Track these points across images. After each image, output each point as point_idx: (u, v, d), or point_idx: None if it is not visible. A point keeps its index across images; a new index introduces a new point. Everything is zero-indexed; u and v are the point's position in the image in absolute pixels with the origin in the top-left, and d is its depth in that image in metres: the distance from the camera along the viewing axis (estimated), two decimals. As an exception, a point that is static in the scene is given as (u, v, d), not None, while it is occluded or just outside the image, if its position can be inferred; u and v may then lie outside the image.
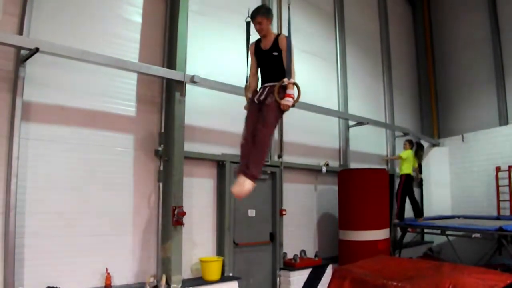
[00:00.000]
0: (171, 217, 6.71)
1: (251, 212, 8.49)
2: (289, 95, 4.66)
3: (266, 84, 4.98)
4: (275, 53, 4.90)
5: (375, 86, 12.70)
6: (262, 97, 4.90)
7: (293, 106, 4.77)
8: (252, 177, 4.63)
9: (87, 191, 6.34)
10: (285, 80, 4.70)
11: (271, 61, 4.96)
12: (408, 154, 10.48)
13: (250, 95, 5.26)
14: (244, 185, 4.63)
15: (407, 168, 10.40)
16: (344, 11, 11.63)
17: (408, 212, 12.87)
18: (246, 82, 5.37)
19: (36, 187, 5.82)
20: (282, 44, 4.86)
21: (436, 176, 13.20)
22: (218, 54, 8.22)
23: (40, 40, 5.64)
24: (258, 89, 5.12)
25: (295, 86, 4.74)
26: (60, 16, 6.31)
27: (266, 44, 5.01)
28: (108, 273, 6.27)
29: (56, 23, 6.24)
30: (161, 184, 7.12)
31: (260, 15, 4.97)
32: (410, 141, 10.78)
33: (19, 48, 5.58)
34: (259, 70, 5.24)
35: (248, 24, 5.41)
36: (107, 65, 6.28)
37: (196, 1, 7.91)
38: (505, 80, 12.58)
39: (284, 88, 4.74)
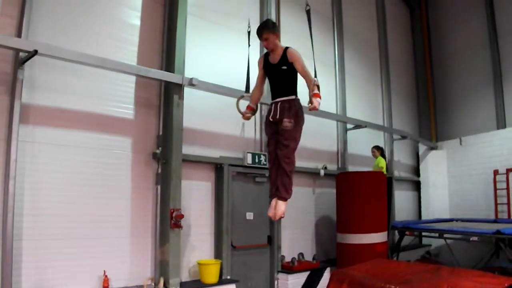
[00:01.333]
0: (169, 220, 6.71)
1: (249, 215, 8.48)
2: (318, 95, 4.55)
3: (277, 100, 4.88)
4: (284, 67, 4.81)
5: (373, 89, 12.72)
6: (277, 117, 4.79)
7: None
8: (284, 199, 4.78)
9: (85, 194, 6.34)
10: (316, 79, 4.66)
11: (280, 75, 4.88)
12: (383, 160, 10.47)
13: (253, 106, 5.28)
14: (277, 207, 4.76)
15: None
16: (343, 15, 11.66)
17: (407, 215, 12.94)
18: (247, 91, 5.41)
19: (34, 189, 5.82)
20: (292, 57, 4.78)
21: (434, 179, 13.23)
22: (216, 57, 8.24)
23: (39, 42, 5.67)
24: (270, 106, 5.01)
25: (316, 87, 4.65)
26: (59, 19, 6.32)
27: (275, 59, 4.92)
28: (106, 276, 6.25)
29: (55, 26, 6.25)
30: (159, 187, 7.11)
31: (266, 31, 4.87)
32: (378, 147, 10.70)
33: (17, 51, 5.59)
34: (266, 85, 5.17)
35: (249, 34, 5.45)
36: (106, 68, 6.30)
37: (195, 4, 7.92)
38: (502, 84, 12.63)
39: (289, 104, 4.77)
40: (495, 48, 12.87)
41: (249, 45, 5.60)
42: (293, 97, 4.85)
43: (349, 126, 11.07)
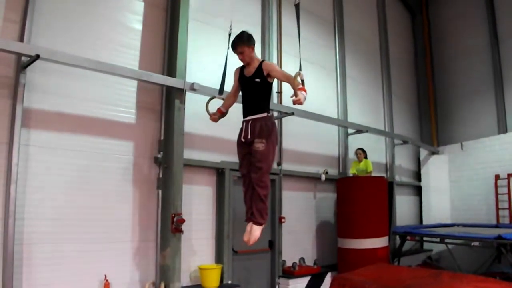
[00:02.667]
0: (170, 225, 6.71)
1: (250, 220, 8.47)
2: (303, 89, 4.22)
3: (249, 118, 4.69)
4: (257, 80, 4.64)
5: (374, 94, 12.73)
6: (249, 137, 4.61)
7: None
8: (259, 224, 4.60)
9: (86, 198, 6.34)
10: (301, 72, 4.47)
11: (253, 88, 4.71)
12: (370, 163, 10.39)
13: (223, 109, 5.19)
14: (252, 232, 4.61)
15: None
16: (344, 20, 11.68)
17: (408, 219, 12.92)
18: (220, 93, 5.38)
19: (35, 193, 5.82)
20: (267, 67, 4.64)
21: (435, 184, 13.21)
22: (218, 62, 8.22)
23: (41, 47, 5.67)
24: (241, 125, 4.81)
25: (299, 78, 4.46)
26: (61, 23, 6.34)
27: (250, 71, 4.76)
28: (107, 280, 6.25)
29: (57, 30, 6.27)
30: (160, 192, 7.12)
31: (241, 44, 4.73)
32: (363, 150, 10.43)
33: (19, 55, 5.60)
34: (239, 97, 5.02)
35: (229, 36, 5.34)
36: (107, 73, 6.30)
37: (196, 9, 7.95)
38: (504, 89, 12.64)
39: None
40: (496, 52, 12.90)
41: (228, 48, 5.43)
42: (265, 114, 4.65)
43: (350, 131, 11.07)
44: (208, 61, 8.06)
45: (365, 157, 10.40)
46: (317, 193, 10.25)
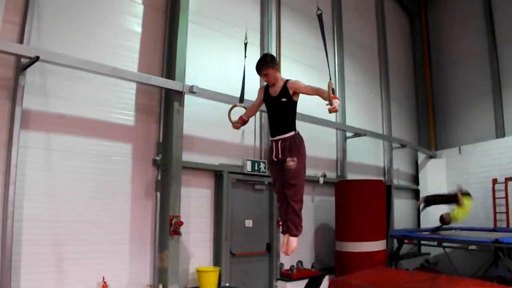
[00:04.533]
0: (168, 227, 6.71)
1: (248, 223, 8.49)
2: (335, 97, 4.38)
3: (278, 138, 4.82)
4: (284, 99, 4.75)
5: (372, 98, 12.76)
6: (280, 156, 4.76)
7: None
8: (294, 236, 4.85)
9: (85, 200, 6.35)
10: (331, 81, 4.49)
11: (279, 108, 4.82)
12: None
13: (245, 118, 5.29)
14: (289, 244, 4.84)
15: None
16: (342, 24, 11.71)
17: (406, 223, 12.94)
18: (241, 101, 5.45)
19: (34, 195, 5.83)
20: (293, 86, 4.74)
21: (433, 188, 13.17)
22: (217, 65, 8.28)
23: (40, 49, 5.70)
24: (270, 144, 4.95)
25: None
26: (61, 25, 6.36)
27: (275, 91, 4.85)
28: (105, 282, 6.25)
29: (57, 32, 6.29)
30: (158, 194, 7.13)
31: (265, 67, 4.82)
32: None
33: (19, 57, 5.62)
34: (265, 117, 5.14)
35: (245, 45, 5.54)
36: (106, 75, 6.32)
37: (196, 12, 7.97)
38: (501, 93, 12.67)
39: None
40: (494, 56, 12.93)
41: (245, 56, 5.63)
42: (293, 133, 4.80)
43: (348, 134, 11.09)
44: (207, 64, 8.10)
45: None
46: (315, 196, 10.26)
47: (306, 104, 6.39)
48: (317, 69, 10.52)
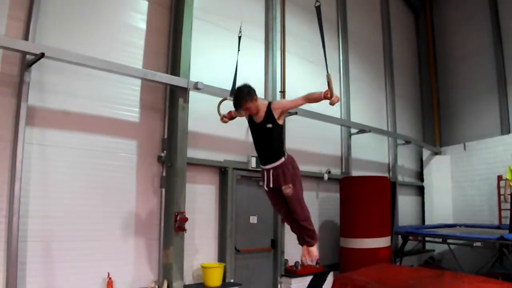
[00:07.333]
0: (173, 223, 6.72)
1: (253, 219, 8.51)
2: (328, 90, 4.45)
3: (268, 167, 4.76)
4: (269, 125, 4.64)
5: (377, 94, 12.73)
6: (272, 185, 4.75)
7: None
8: (312, 245, 4.97)
9: (90, 196, 6.37)
10: (329, 74, 4.60)
11: (266, 135, 4.71)
12: None
13: (234, 114, 5.29)
14: (310, 253, 5.00)
15: None
16: (347, 20, 11.68)
17: (411, 219, 12.92)
18: (231, 95, 5.25)
19: (39, 191, 5.86)
20: (278, 106, 4.69)
21: (437, 185, 13.20)
22: (221, 61, 8.26)
23: (46, 45, 5.71)
24: (261, 172, 4.89)
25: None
26: (66, 22, 6.37)
27: (259, 117, 4.72)
28: (110, 278, 6.28)
29: (62, 29, 6.30)
30: (163, 190, 7.13)
31: (245, 103, 4.65)
32: None
33: (24, 53, 5.63)
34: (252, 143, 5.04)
35: (239, 38, 5.71)
36: (111, 71, 6.32)
37: (200, 8, 7.96)
38: (507, 89, 12.59)
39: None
40: (499, 53, 12.85)
41: (238, 50, 5.62)
42: (283, 159, 4.72)
43: (353, 130, 11.07)
44: (212, 60, 8.09)
45: None
46: (320, 193, 10.26)
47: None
48: (321, 65, 10.46)
